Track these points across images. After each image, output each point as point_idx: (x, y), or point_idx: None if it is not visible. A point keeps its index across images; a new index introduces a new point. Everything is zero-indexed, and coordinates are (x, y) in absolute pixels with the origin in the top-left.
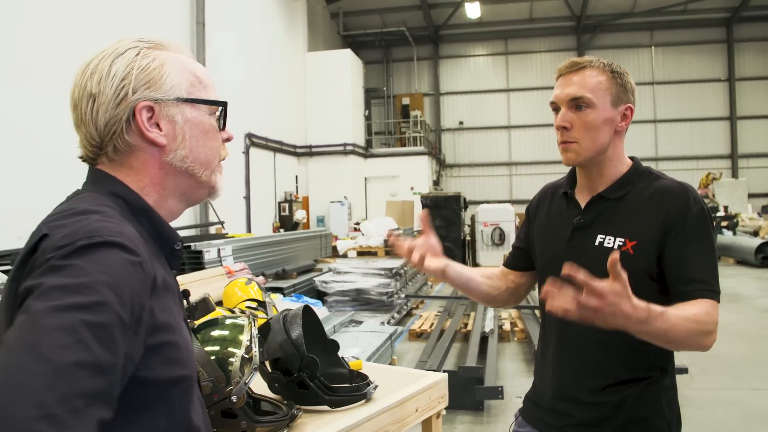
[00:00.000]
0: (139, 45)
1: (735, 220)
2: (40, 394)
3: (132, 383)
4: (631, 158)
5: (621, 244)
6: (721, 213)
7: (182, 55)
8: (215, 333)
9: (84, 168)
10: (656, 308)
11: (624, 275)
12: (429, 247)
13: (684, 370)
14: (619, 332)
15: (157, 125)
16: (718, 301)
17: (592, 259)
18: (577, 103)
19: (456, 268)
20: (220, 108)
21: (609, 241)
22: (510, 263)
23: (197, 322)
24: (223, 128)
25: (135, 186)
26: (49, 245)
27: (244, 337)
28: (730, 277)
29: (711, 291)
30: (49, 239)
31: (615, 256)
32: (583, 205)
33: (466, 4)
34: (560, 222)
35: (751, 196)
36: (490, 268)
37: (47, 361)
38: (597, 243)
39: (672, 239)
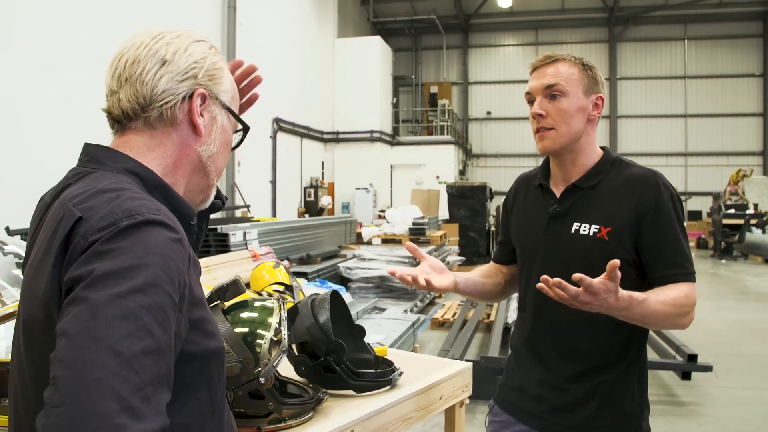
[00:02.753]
0: (209, 42)
1: (765, 218)
2: (117, 387)
3: (178, 360)
4: (602, 148)
5: (596, 230)
6: (750, 210)
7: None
8: (245, 315)
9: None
10: (638, 296)
11: (618, 276)
12: (431, 268)
13: (708, 368)
14: (594, 316)
15: (201, 116)
16: (694, 281)
17: (569, 246)
18: (552, 92)
19: (463, 276)
20: (242, 130)
21: (584, 229)
22: (500, 259)
23: (227, 304)
24: (234, 148)
25: (158, 162)
26: (89, 228)
27: (273, 320)
28: (758, 276)
29: (687, 274)
30: (85, 222)
31: (616, 262)
32: (558, 195)
33: None
34: (537, 211)
35: None
36: (485, 267)
37: (117, 353)
38: (573, 230)
39: (646, 226)
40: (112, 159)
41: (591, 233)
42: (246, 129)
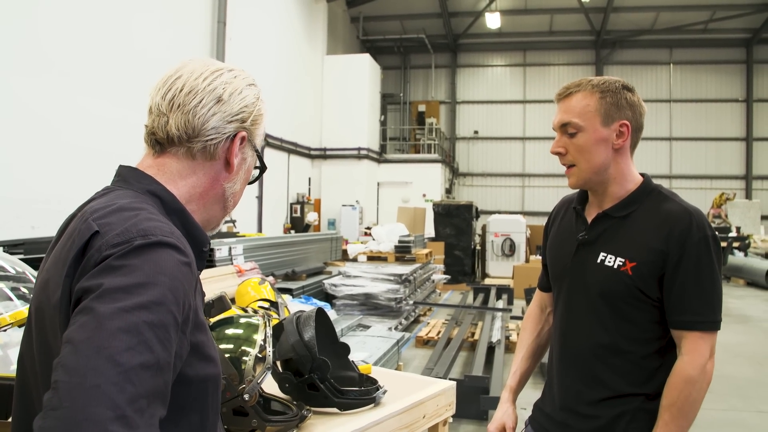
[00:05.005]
0: (257, 85)
1: (747, 242)
2: (114, 395)
3: (175, 382)
4: (643, 175)
5: (621, 264)
6: (733, 234)
7: None
8: (230, 331)
9: (104, 161)
10: None
11: None
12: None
13: None
14: (617, 346)
15: (237, 156)
16: (712, 330)
17: (593, 277)
18: (567, 130)
19: (517, 381)
20: (259, 168)
21: (610, 260)
22: (543, 286)
23: (212, 320)
24: (249, 183)
25: (186, 190)
26: (104, 243)
27: (259, 337)
28: (739, 298)
29: (702, 322)
30: (101, 237)
31: None
32: (589, 222)
33: (487, 14)
34: (568, 236)
35: (764, 217)
36: (532, 312)
37: (117, 363)
38: (599, 260)
39: (670, 267)
40: (137, 179)
41: (615, 266)
42: (264, 169)
